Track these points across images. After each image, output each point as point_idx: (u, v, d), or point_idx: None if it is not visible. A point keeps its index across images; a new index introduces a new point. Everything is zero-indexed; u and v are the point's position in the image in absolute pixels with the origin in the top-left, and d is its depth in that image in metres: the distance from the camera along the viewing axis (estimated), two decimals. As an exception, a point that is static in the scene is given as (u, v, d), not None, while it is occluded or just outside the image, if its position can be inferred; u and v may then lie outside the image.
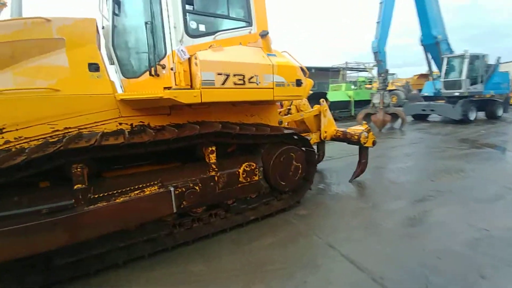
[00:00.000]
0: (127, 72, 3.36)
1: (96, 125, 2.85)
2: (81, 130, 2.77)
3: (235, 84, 3.00)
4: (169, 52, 2.91)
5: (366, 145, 4.57)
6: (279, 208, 3.57)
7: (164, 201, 2.51)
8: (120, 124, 2.99)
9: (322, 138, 4.84)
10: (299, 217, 3.52)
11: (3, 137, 2.43)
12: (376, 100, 11.04)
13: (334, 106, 15.45)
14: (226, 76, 2.93)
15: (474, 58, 12.47)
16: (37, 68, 2.58)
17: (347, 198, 4.16)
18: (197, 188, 2.84)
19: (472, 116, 12.25)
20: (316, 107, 4.86)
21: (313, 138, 4.77)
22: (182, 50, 2.81)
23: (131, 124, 3.05)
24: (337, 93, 16.18)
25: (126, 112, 3.01)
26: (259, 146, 3.53)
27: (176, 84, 2.86)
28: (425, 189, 4.33)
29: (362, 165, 4.77)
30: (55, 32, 2.73)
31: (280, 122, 4.24)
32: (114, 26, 3.27)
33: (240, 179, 3.19)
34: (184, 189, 2.72)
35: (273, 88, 3.30)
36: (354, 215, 3.54)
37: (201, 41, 3.07)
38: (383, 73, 11.18)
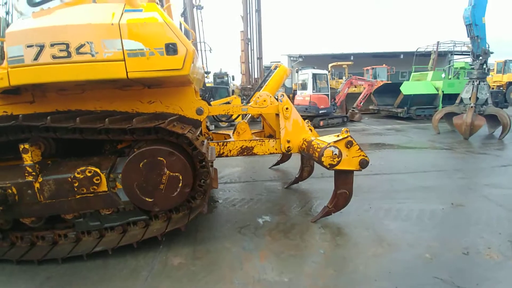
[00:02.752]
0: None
1: None
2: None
3: (54, 57, 2.20)
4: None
5: (337, 167, 2.84)
6: (150, 235, 2.55)
7: None
8: None
9: (284, 150, 3.38)
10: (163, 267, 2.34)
11: None
12: (465, 94, 7.64)
13: (413, 102, 12.00)
14: (39, 48, 2.18)
15: None
16: None
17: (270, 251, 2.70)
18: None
19: None
20: (275, 103, 3.37)
21: (270, 146, 3.43)
22: None
23: (-4, 113, 2.77)
24: (418, 84, 12.44)
25: None
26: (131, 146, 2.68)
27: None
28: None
29: (337, 198, 2.98)
30: None
31: (200, 111, 3.12)
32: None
33: (75, 189, 2.41)
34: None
35: (124, 60, 2.27)
36: None
37: (46, 7, 2.44)
38: (481, 54, 7.60)
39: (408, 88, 11.95)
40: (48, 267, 2.38)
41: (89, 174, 2.40)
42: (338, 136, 2.91)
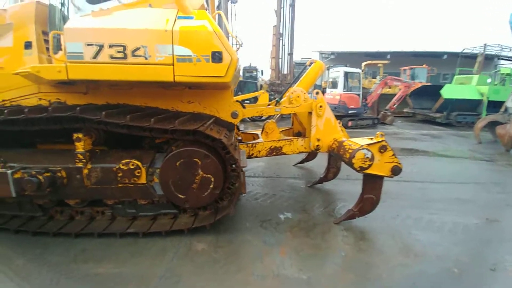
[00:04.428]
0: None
1: (22, 99, 3.02)
2: (12, 103, 3.01)
3: (112, 58, 2.39)
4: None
5: (368, 171, 2.75)
6: (177, 227, 2.71)
7: (1, 183, 2.36)
8: (40, 99, 3.03)
9: (313, 148, 3.34)
10: (189, 252, 2.46)
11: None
12: (511, 103, 6.97)
13: (454, 107, 11.16)
14: (98, 48, 2.37)
15: None
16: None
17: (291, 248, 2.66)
18: (50, 176, 2.50)
19: None
20: (309, 101, 3.39)
21: (298, 145, 3.41)
22: None
23: (49, 101, 3.06)
24: (461, 88, 11.49)
25: (45, 88, 3.01)
26: (169, 142, 2.81)
27: (49, 56, 2.59)
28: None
29: (363, 203, 2.90)
30: (8, 18, 3.01)
31: (235, 115, 3.22)
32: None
33: (118, 179, 2.59)
34: (26, 175, 2.44)
35: (172, 65, 2.42)
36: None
37: (104, 6, 2.63)
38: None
39: (450, 91, 11.10)
40: (82, 240, 2.59)
41: (132, 167, 2.58)
42: (372, 139, 2.81)
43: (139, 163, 2.60)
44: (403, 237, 2.79)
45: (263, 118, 3.88)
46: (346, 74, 10.79)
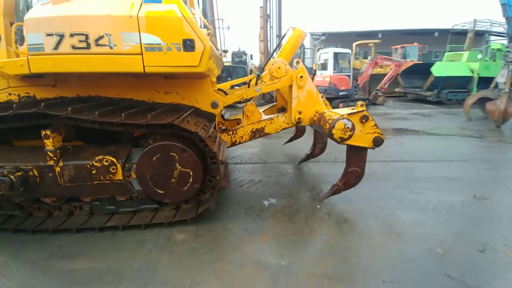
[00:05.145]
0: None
1: None
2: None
3: (74, 48, 2.24)
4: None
5: (349, 142, 2.68)
6: (158, 221, 2.65)
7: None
8: (10, 94, 2.87)
9: (294, 121, 3.24)
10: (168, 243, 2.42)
11: None
12: (500, 78, 6.91)
13: (445, 84, 11.09)
14: (59, 37, 2.21)
15: None
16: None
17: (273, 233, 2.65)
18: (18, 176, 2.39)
19: None
20: (290, 72, 3.21)
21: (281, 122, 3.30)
22: None
23: (19, 95, 2.89)
24: (451, 65, 11.39)
25: (13, 82, 2.84)
26: (146, 136, 2.70)
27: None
28: None
29: (347, 176, 2.86)
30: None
31: (215, 105, 3.09)
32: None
33: (92, 176, 2.50)
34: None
35: (141, 54, 2.28)
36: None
37: None
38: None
39: (440, 69, 11.00)
40: (60, 236, 2.53)
41: (106, 163, 2.48)
42: (353, 109, 2.73)
43: (114, 159, 2.51)
44: (386, 218, 2.79)
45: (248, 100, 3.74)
46: (336, 55, 10.57)
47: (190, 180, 2.53)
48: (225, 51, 11.88)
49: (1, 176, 2.34)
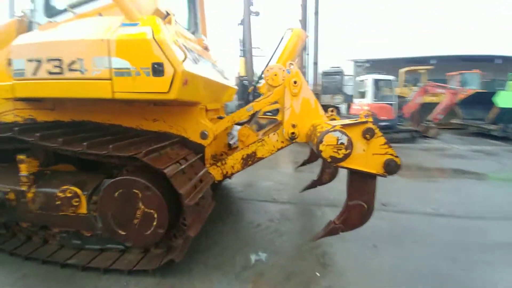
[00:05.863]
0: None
1: (2, 115, 2.99)
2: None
3: (50, 73, 2.20)
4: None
5: (345, 164, 2.01)
6: (117, 266, 2.30)
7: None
8: (16, 116, 2.99)
9: (287, 137, 2.57)
10: None
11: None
12: None
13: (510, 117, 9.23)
14: (37, 63, 2.19)
15: None
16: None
17: None
18: None
19: None
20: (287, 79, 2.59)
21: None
22: None
23: (23, 117, 2.99)
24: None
25: (19, 105, 2.97)
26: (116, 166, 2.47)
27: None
28: None
29: (348, 212, 2.14)
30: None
31: (204, 135, 2.77)
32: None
33: (58, 206, 2.32)
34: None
35: (110, 79, 2.12)
36: None
37: (60, 19, 2.49)
38: None
39: (506, 99, 9.21)
40: (30, 264, 2.39)
41: (69, 195, 2.31)
42: (354, 120, 2.08)
43: (79, 191, 2.31)
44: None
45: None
46: (376, 82, 9.72)
47: (154, 223, 2.16)
48: (260, 78, 12.00)
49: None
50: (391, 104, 9.77)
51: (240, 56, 12.34)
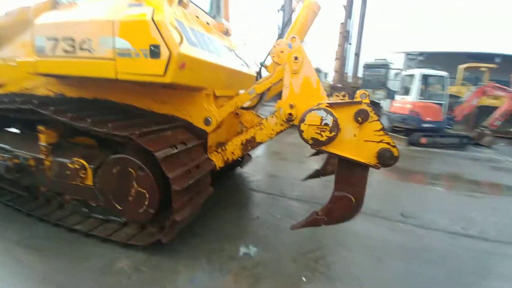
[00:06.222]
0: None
1: (37, 88, 3.33)
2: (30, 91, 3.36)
3: (65, 52, 2.33)
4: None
5: (329, 149, 1.85)
6: (114, 238, 2.44)
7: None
8: (49, 90, 3.29)
9: (284, 118, 2.28)
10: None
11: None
12: None
13: None
14: (55, 41, 2.34)
15: None
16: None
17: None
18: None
19: None
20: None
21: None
22: None
23: (54, 91, 3.27)
24: None
25: (50, 80, 3.22)
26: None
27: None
28: None
29: (333, 204, 1.97)
30: (30, 15, 3.35)
31: (207, 121, 2.73)
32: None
33: (69, 176, 2.52)
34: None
35: (114, 60, 2.17)
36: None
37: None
38: None
39: None
40: (43, 225, 2.65)
41: (77, 166, 2.50)
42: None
43: (86, 163, 2.48)
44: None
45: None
46: (425, 78, 8.67)
47: (146, 202, 2.24)
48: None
49: (1, 160, 2.64)
50: (440, 104, 8.70)
51: (278, 43, 11.93)
